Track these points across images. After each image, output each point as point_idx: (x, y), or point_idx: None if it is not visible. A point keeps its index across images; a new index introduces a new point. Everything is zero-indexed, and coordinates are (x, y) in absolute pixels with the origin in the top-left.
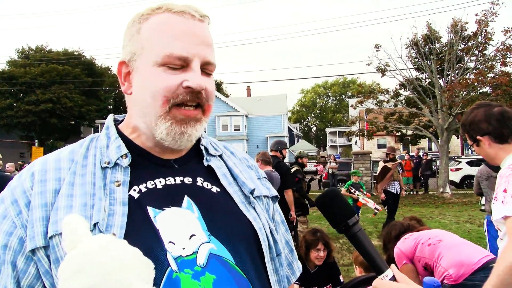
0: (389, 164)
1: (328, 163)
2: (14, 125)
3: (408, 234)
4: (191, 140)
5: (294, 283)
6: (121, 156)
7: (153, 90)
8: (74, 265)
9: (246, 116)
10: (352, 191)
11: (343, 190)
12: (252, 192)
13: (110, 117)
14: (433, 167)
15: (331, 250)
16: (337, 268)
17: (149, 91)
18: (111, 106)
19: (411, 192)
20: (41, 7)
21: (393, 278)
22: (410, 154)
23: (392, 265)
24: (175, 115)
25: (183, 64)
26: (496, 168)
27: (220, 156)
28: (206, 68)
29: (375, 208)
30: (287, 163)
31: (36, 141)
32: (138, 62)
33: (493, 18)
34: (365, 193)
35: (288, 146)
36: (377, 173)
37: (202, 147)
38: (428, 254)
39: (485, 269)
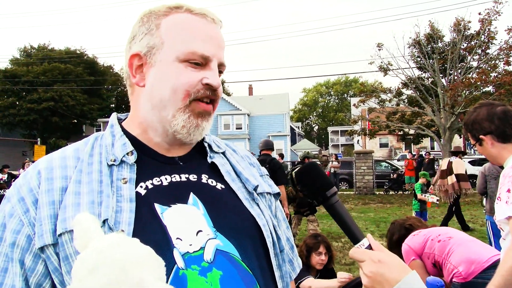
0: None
1: (330, 162)
2: (16, 123)
3: (417, 231)
4: (203, 133)
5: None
6: (127, 154)
7: (175, 84)
8: (88, 264)
9: (248, 115)
10: (423, 196)
11: (419, 195)
12: (255, 189)
13: (114, 115)
14: (435, 166)
15: (332, 255)
16: (335, 276)
17: (170, 85)
18: (113, 105)
19: (413, 191)
20: (43, 5)
21: (369, 247)
22: (412, 153)
23: (368, 235)
24: (194, 109)
25: (203, 63)
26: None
27: (223, 153)
28: (219, 68)
29: (437, 200)
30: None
31: (39, 139)
32: (157, 56)
33: (496, 17)
34: (429, 191)
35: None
36: (446, 169)
37: (206, 144)
38: (438, 250)
39: (495, 267)
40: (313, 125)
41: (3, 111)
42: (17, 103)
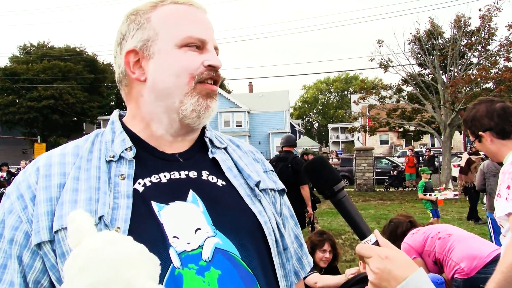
0: (473, 157)
1: (331, 159)
2: (16, 121)
3: (416, 229)
4: (211, 115)
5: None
6: (126, 149)
7: (178, 69)
8: (79, 262)
9: (248, 112)
10: (428, 195)
11: (420, 195)
12: (257, 185)
13: (115, 112)
14: (435, 163)
15: (338, 254)
16: (339, 273)
17: (173, 71)
18: (113, 103)
19: (414, 188)
20: (43, 3)
21: (376, 243)
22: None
23: (376, 230)
24: (201, 90)
25: (200, 46)
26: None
27: (225, 149)
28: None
29: (454, 195)
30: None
31: (39, 137)
32: (154, 47)
33: (496, 13)
34: (439, 188)
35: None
36: (462, 165)
37: (207, 139)
38: (438, 247)
39: (497, 262)
40: (313, 122)
41: (3, 109)
42: (17, 101)
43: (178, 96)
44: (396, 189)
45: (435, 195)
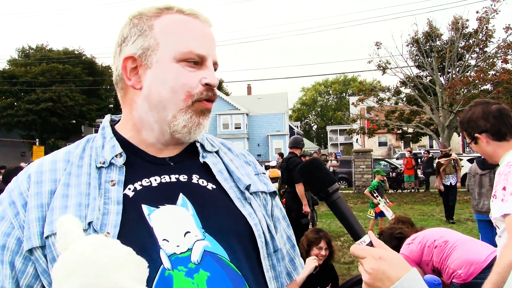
0: (442, 160)
1: (329, 161)
2: (14, 124)
3: (410, 239)
4: (203, 130)
5: None
6: (116, 156)
7: (174, 85)
8: (67, 266)
9: (247, 114)
10: (375, 195)
11: (366, 191)
12: (247, 188)
13: (107, 117)
14: (434, 164)
15: (333, 251)
16: (335, 272)
17: (169, 86)
18: (111, 105)
19: (412, 190)
20: (41, 6)
21: (370, 244)
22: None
23: (370, 231)
24: (197, 108)
25: (199, 62)
26: (483, 166)
27: (217, 152)
28: (213, 67)
29: (391, 216)
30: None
31: (37, 140)
32: (153, 57)
33: (494, 15)
34: (388, 201)
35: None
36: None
37: (198, 144)
38: (436, 256)
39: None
40: (312, 124)
41: (1, 112)
42: (16, 103)
43: (172, 111)
44: (394, 191)
45: (379, 200)
